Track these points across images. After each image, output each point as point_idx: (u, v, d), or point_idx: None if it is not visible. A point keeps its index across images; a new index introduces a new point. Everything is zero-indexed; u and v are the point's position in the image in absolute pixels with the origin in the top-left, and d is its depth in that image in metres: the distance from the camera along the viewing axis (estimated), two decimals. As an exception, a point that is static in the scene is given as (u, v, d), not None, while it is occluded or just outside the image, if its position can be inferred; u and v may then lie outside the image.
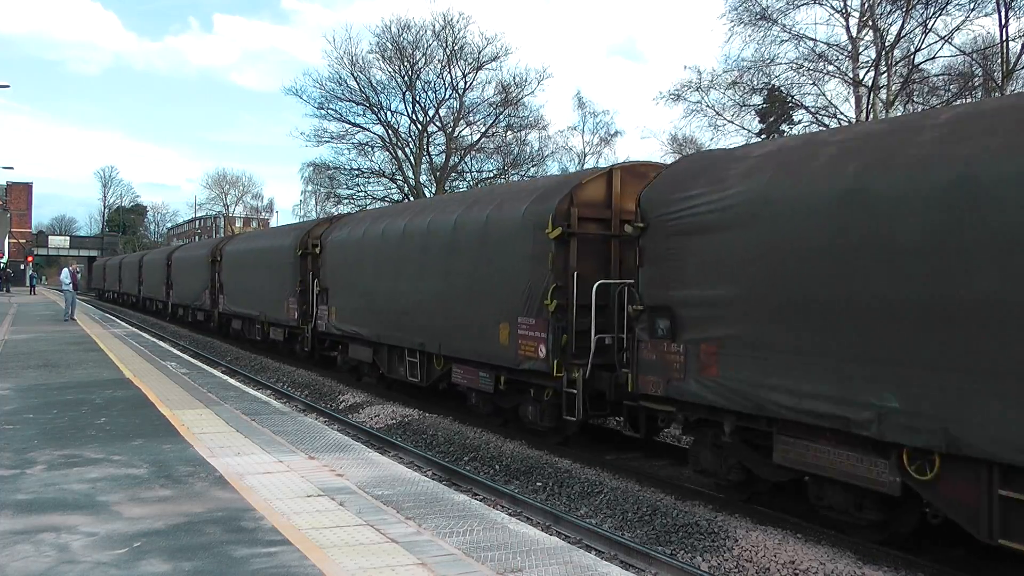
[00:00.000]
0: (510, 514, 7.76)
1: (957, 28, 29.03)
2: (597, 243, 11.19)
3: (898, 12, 29.66)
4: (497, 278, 12.09)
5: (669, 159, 30.73)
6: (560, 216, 10.90)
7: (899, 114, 28.33)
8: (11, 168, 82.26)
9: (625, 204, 11.11)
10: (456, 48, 48.20)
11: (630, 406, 10.09)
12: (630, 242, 10.14)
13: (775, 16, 31.94)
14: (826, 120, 32.30)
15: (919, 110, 28.74)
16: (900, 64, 30.64)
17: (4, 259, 63.79)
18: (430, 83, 49.05)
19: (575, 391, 10.57)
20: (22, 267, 69.23)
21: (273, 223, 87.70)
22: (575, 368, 10.62)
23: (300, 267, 20.71)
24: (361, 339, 17.11)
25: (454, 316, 13.22)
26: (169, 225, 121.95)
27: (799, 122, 35.74)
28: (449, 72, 48.80)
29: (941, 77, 31.35)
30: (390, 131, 49.80)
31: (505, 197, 12.83)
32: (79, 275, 36.67)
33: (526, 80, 49.02)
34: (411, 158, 49.83)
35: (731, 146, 15.65)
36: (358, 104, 49.11)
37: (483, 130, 49.52)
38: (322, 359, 21.03)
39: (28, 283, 63.10)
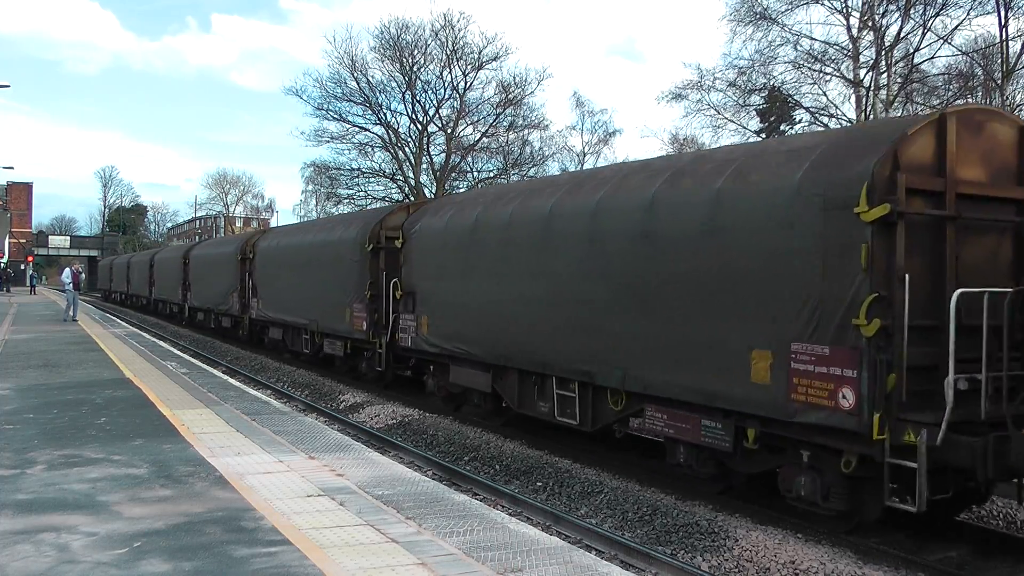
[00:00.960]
0: (510, 514, 7.75)
1: (957, 28, 29.08)
2: (931, 229, 7.52)
3: (898, 12, 29.68)
4: (741, 281, 8.26)
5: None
6: (881, 186, 7.13)
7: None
8: (11, 168, 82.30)
9: (963, 171, 7.60)
10: (456, 48, 48.25)
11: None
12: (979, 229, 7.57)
13: (775, 16, 31.99)
14: (825, 120, 32.32)
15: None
16: (900, 64, 30.66)
17: (4, 259, 63.77)
18: (430, 83, 49.12)
19: (912, 463, 6.84)
20: (22, 267, 69.23)
21: (273, 223, 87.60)
22: (908, 428, 6.98)
23: (371, 265, 16.81)
24: (473, 360, 13.08)
25: (651, 335, 9.30)
26: (169, 225, 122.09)
27: (799, 122, 35.78)
28: (449, 72, 48.85)
29: (941, 77, 31.38)
30: (390, 131, 49.84)
31: (747, 161, 8.76)
32: (81, 275, 35.98)
33: (526, 80, 49.09)
34: (411, 158, 49.83)
35: None
36: (358, 104, 49.19)
37: (484, 130, 49.55)
38: (399, 380, 17.55)
39: (28, 283, 63.09)
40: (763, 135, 35.27)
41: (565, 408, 11.07)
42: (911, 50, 30.22)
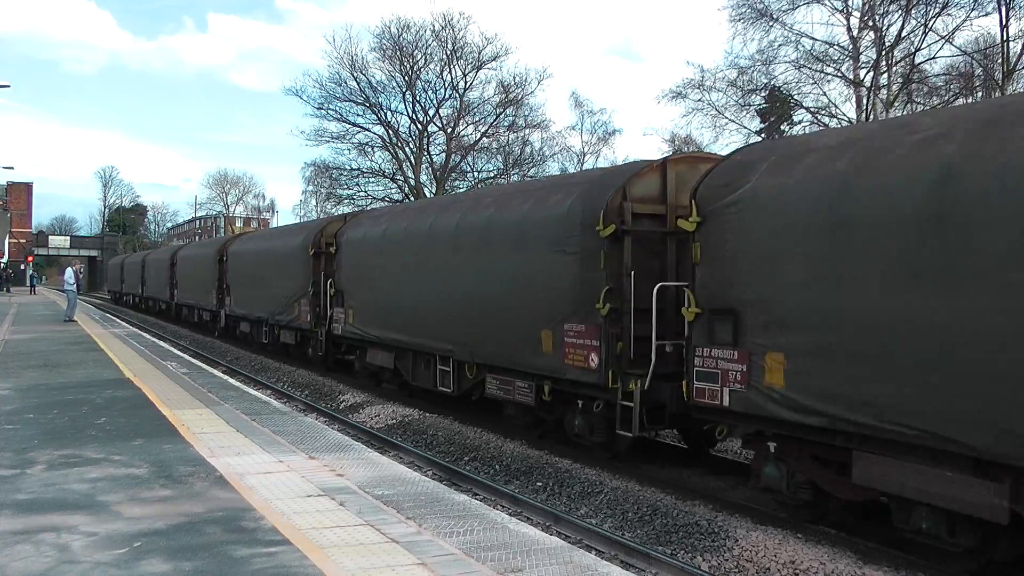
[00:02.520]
0: (510, 514, 7.75)
1: (957, 28, 29.10)
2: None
3: (899, 12, 29.70)
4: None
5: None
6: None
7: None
8: (11, 168, 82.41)
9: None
10: (456, 48, 48.27)
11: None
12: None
13: (776, 15, 32.00)
14: (826, 120, 32.33)
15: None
16: (900, 64, 30.68)
17: (4, 259, 63.78)
18: (430, 83, 49.19)
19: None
20: (22, 267, 69.23)
21: (273, 223, 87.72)
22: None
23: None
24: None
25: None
26: (169, 225, 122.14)
27: (799, 122, 35.80)
28: (449, 72, 48.90)
29: (941, 77, 31.40)
30: (390, 131, 49.89)
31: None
32: (81, 275, 35.11)
33: (526, 80, 49.12)
34: (411, 158, 49.87)
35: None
36: (358, 104, 49.23)
37: (484, 130, 49.57)
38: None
39: (28, 283, 63.09)
40: (763, 135, 35.28)
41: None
42: (912, 50, 30.26)
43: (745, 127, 35.71)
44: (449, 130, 49.68)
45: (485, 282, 12.44)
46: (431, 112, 49.76)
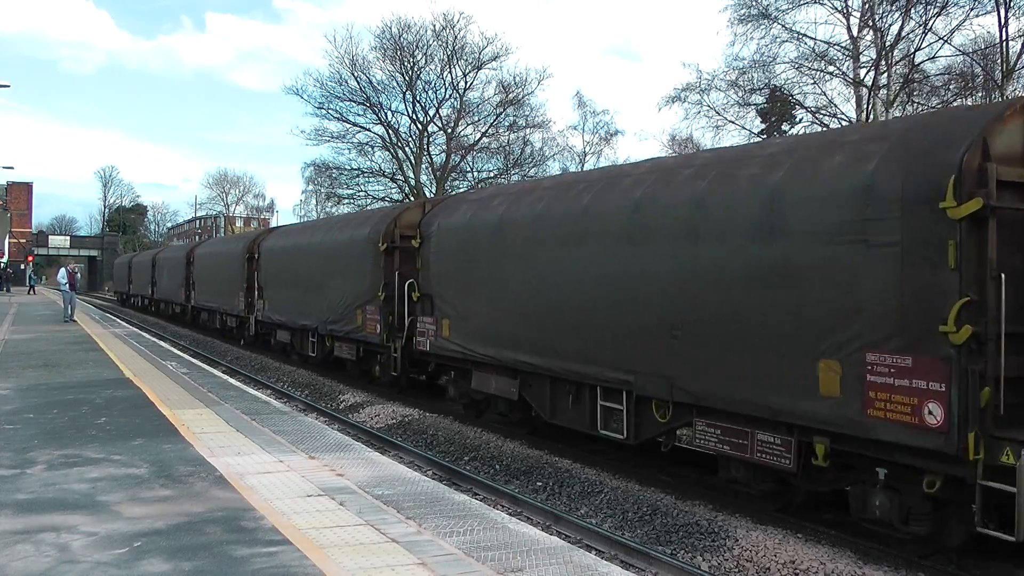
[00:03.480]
0: (510, 514, 7.75)
1: (957, 28, 29.09)
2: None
3: (898, 12, 29.70)
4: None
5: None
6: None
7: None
8: (11, 168, 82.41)
9: None
10: (456, 48, 48.27)
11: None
12: None
13: (775, 15, 32.01)
14: (826, 120, 32.33)
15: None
16: (900, 64, 30.67)
17: (4, 259, 63.79)
18: (430, 83, 49.17)
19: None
20: (22, 267, 69.22)
21: (273, 223, 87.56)
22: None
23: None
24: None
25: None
26: (169, 225, 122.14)
27: (800, 121, 35.80)
28: (449, 72, 48.89)
29: (941, 77, 31.38)
30: (390, 131, 49.89)
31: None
32: (78, 275, 33.31)
33: (526, 80, 49.11)
34: (411, 158, 49.87)
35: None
36: (358, 104, 49.24)
37: (484, 130, 49.58)
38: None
39: (28, 283, 63.06)
40: (764, 135, 35.27)
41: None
42: (912, 50, 30.26)
43: (746, 128, 35.73)
44: (449, 130, 49.69)
45: (692, 285, 8.77)
46: (431, 112, 49.83)
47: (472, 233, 13.05)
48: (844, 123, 30.64)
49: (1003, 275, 6.41)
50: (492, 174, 49.53)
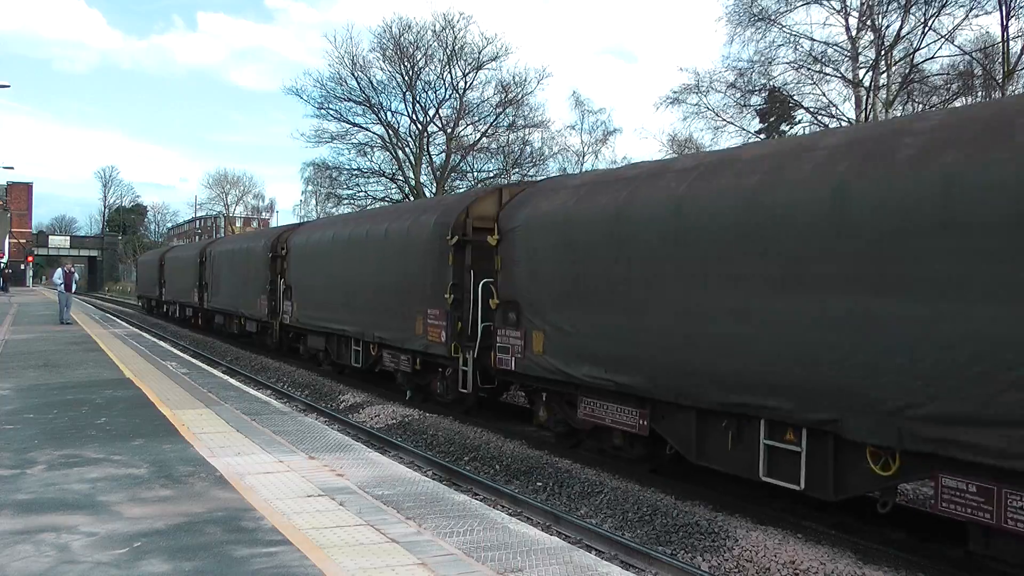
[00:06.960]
0: (510, 514, 7.75)
1: (957, 27, 29.08)
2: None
3: (898, 12, 29.68)
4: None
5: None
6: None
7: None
8: (11, 168, 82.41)
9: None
10: (456, 48, 48.25)
11: None
12: None
13: (774, 16, 31.99)
14: (826, 120, 32.32)
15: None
16: (900, 64, 30.67)
17: (4, 259, 63.82)
18: (430, 83, 49.12)
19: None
20: (22, 267, 69.26)
21: (273, 223, 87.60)
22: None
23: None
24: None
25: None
26: (169, 225, 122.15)
27: (799, 122, 35.80)
28: (449, 72, 48.85)
29: (941, 77, 31.38)
30: (390, 131, 49.85)
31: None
32: (75, 275, 31.54)
33: (526, 80, 49.09)
34: (411, 158, 49.84)
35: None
36: (358, 104, 49.20)
37: (484, 130, 49.55)
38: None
39: (27, 283, 63.11)
40: (763, 135, 35.27)
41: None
42: (911, 50, 30.25)
43: (745, 129, 35.72)
44: (449, 130, 49.66)
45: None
46: (431, 112, 49.78)
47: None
48: (844, 123, 30.63)
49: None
50: (492, 174, 49.51)
